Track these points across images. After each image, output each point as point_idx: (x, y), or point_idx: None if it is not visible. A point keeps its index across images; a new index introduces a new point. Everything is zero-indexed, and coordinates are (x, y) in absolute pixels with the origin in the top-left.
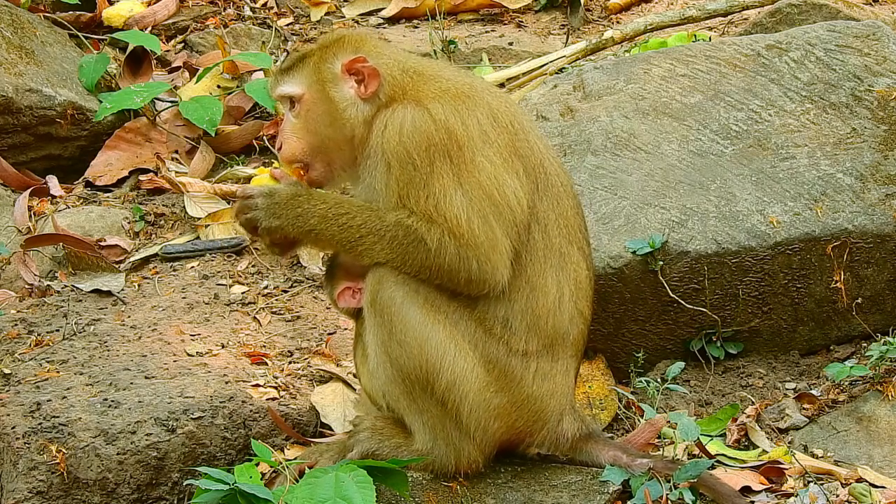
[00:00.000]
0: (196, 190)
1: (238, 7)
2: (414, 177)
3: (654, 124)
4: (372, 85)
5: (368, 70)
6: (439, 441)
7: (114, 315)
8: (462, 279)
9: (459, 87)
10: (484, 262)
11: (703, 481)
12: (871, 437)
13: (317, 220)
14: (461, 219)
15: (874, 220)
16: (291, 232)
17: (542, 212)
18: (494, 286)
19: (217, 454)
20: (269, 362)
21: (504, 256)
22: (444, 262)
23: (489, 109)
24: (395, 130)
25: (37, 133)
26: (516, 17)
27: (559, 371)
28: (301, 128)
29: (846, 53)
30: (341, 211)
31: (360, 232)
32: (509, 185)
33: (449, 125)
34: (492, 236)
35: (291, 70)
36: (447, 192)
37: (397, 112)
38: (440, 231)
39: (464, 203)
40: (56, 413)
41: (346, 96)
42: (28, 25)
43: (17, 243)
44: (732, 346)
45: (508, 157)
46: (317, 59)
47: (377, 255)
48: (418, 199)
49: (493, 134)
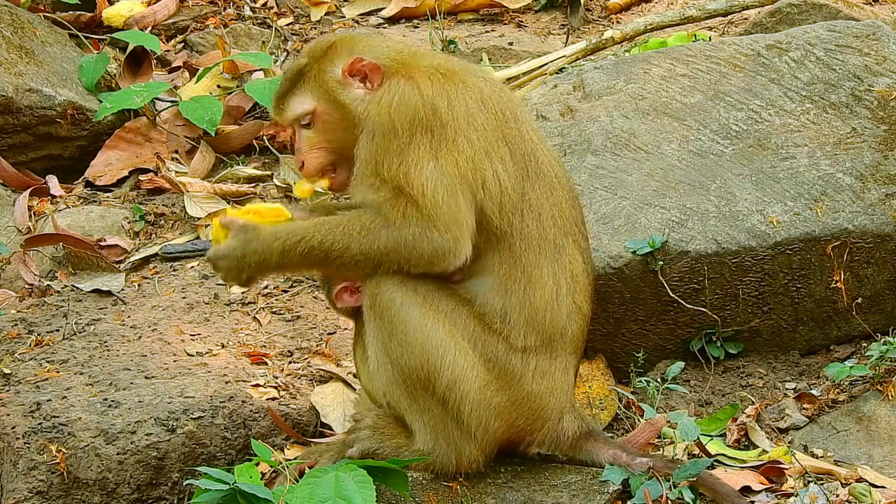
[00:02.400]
0: (196, 190)
1: (238, 7)
2: (392, 145)
3: (654, 124)
4: (376, 79)
5: (369, 66)
6: (440, 440)
7: (114, 315)
8: (427, 250)
9: (452, 69)
10: (444, 231)
11: (702, 481)
12: (871, 437)
13: (278, 257)
14: (426, 188)
15: (874, 220)
16: (264, 276)
17: (535, 200)
18: (457, 257)
19: (217, 454)
20: (269, 362)
21: (465, 230)
22: (408, 234)
23: (480, 94)
24: (387, 102)
25: (37, 133)
26: (516, 17)
27: (558, 368)
28: (319, 139)
29: (846, 53)
30: (296, 238)
31: (324, 246)
32: (488, 169)
33: (435, 103)
34: (454, 208)
35: (294, 90)
36: (419, 162)
37: (393, 85)
38: (404, 202)
39: (434, 174)
40: (56, 413)
41: (355, 97)
42: (28, 25)
43: (17, 243)
44: (732, 346)
45: (494, 141)
46: (316, 72)
47: (351, 258)
48: (391, 165)
49: (481, 118)
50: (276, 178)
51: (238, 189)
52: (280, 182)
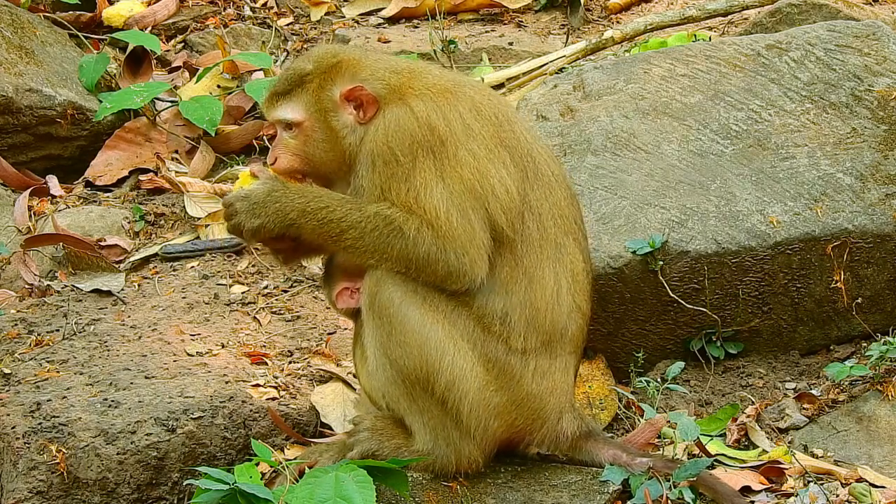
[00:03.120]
0: (196, 190)
1: (238, 7)
2: (396, 171)
3: (654, 124)
4: (370, 111)
5: (367, 97)
6: (440, 441)
7: (114, 315)
8: (440, 271)
9: (442, 84)
10: (461, 255)
11: (702, 481)
12: (871, 437)
13: (296, 214)
14: (439, 210)
15: (874, 220)
16: (274, 228)
17: (535, 201)
18: (473, 280)
19: (217, 454)
20: (269, 362)
21: (482, 251)
22: (422, 251)
23: (472, 103)
24: (382, 131)
25: (37, 133)
26: (516, 17)
27: (558, 369)
28: (297, 148)
29: (846, 53)
30: (321, 205)
31: (341, 226)
32: (494, 175)
33: (431, 121)
34: (469, 230)
35: (290, 95)
36: (428, 185)
37: (385, 114)
38: (418, 221)
39: (444, 196)
40: (56, 413)
41: (345, 123)
42: (28, 25)
43: (17, 243)
44: (732, 346)
45: (494, 147)
46: (316, 87)
47: (361, 248)
48: (399, 192)
49: (477, 126)
50: None
51: None
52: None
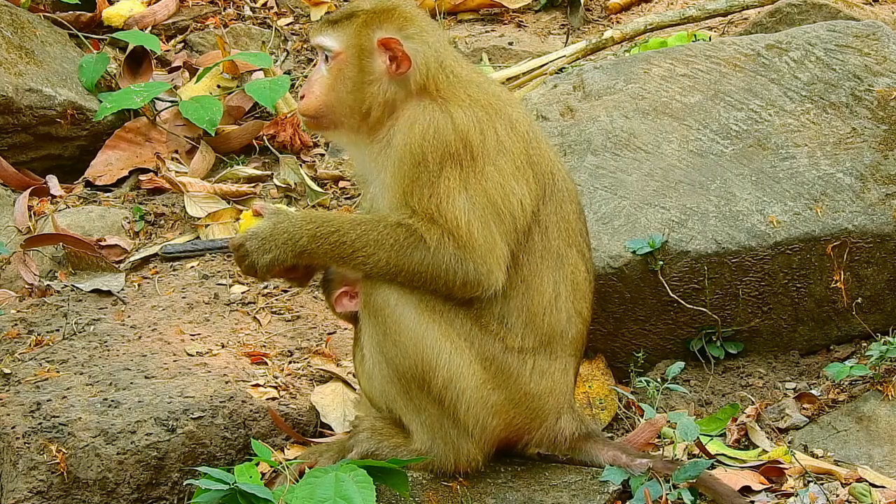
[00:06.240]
0: (196, 190)
1: (238, 7)
2: (422, 175)
3: (654, 124)
4: (403, 67)
5: (401, 55)
6: (438, 440)
7: (114, 315)
8: (458, 281)
9: (487, 98)
10: (480, 265)
11: (702, 481)
12: (871, 437)
13: (307, 241)
14: (461, 220)
15: (874, 220)
16: (287, 259)
17: (545, 215)
18: (489, 289)
19: (217, 454)
20: (269, 362)
21: (501, 261)
22: (442, 261)
23: (509, 120)
24: (420, 132)
25: (37, 133)
26: (516, 17)
27: (557, 369)
28: (327, 84)
29: (846, 53)
30: (331, 229)
31: (355, 246)
32: (515, 194)
33: (468, 136)
34: (490, 240)
35: (337, 24)
36: (451, 194)
37: (427, 111)
38: (440, 231)
39: (466, 206)
40: (56, 413)
41: (375, 69)
42: (28, 25)
43: (17, 243)
44: (732, 345)
45: (521, 164)
46: (361, 24)
47: (377, 263)
48: (422, 197)
49: (509, 143)
50: (275, 179)
51: (238, 189)
52: (280, 182)
